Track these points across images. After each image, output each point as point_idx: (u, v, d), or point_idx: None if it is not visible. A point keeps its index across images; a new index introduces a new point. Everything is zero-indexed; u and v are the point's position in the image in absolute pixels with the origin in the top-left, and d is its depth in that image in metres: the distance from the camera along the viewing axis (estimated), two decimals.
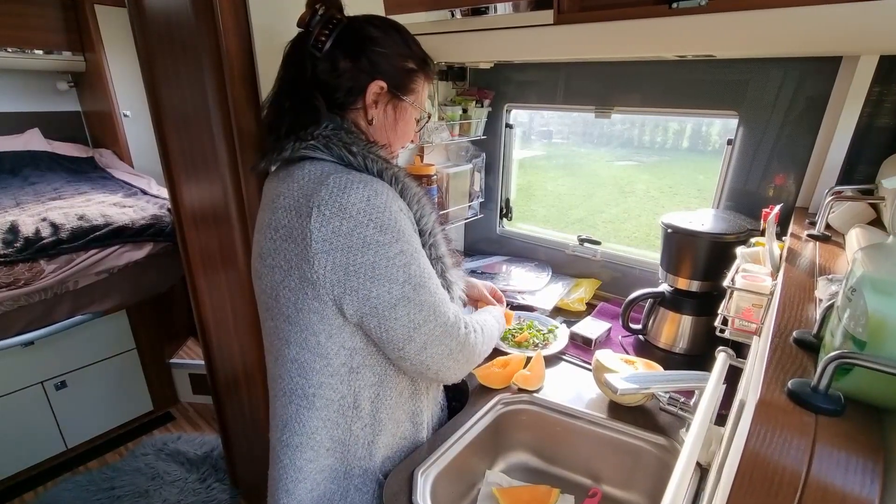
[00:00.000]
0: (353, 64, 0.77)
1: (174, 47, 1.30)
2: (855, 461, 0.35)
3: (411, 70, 0.81)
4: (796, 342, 0.51)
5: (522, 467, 1.07)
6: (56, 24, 2.66)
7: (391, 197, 0.71)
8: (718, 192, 1.30)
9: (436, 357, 0.76)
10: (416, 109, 0.84)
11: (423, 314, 0.72)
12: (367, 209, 0.67)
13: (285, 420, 0.80)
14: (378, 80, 0.77)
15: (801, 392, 0.41)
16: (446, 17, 1.22)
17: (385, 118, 0.82)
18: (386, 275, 0.69)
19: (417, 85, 0.83)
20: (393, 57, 0.79)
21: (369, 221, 0.67)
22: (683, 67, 1.25)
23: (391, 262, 0.69)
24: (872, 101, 1.00)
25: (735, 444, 0.50)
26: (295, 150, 0.74)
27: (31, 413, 1.95)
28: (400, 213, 0.71)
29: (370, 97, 0.78)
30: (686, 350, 1.19)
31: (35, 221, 1.76)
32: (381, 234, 0.68)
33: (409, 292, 0.70)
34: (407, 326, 0.72)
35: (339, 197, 0.67)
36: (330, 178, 0.69)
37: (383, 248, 0.68)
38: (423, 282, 0.72)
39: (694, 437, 0.58)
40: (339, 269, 0.68)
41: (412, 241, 0.72)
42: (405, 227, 0.71)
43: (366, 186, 0.68)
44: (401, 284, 0.70)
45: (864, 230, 0.76)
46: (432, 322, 0.73)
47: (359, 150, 0.74)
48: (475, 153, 1.69)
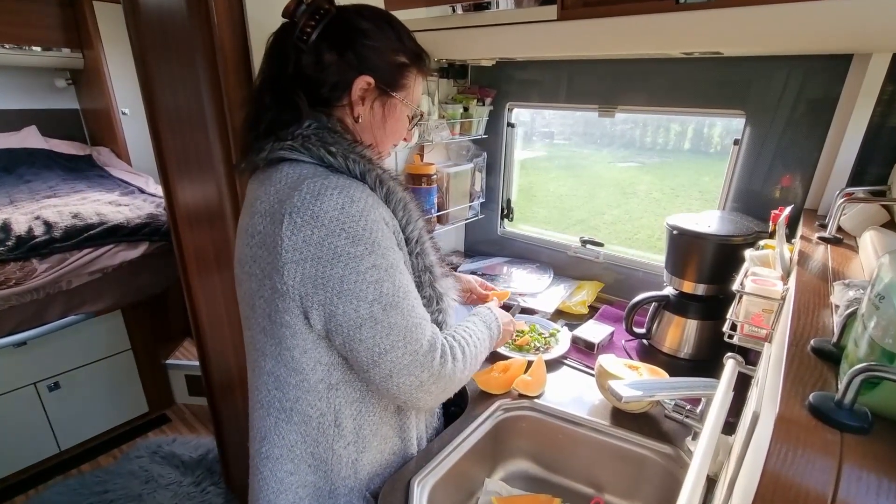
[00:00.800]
0: (338, 57, 0.72)
1: (168, 44, 1.27)
2: (887, 485, 0.33)
3: (402, 65, 0.76)
4: (814, 351, 0.48)
5: (522, 475, 1.04)
6: (54, 21, 2.64)
7: (371, 204, 0.66)
8: (724, 192, 1.27)
9: (403, 388, 0.69)
10: (406, 106, 0.79)
11: (390, 339, 0.66)
12: (341, 218, 0.63)
13: (264, 432, 0.76)
14: (365, 76, 0.73)
15: (824, 407, 0.38)
16: (447, 13, 1.19)
17: (372, 115, 0.77)
18: (354, 291, 0.64)
19: (409, 80, 0.78)
20: (383, 51, 0.74)
21: (342, 231, 0.63)
22: (689, 65, 1.22)
23: (361, 278, 0.64)
24: (885, 101, 0.97)
25: (750, 461, 0.47)
26: (272, 151, 0.70)
27: (24, 415, 1.92)
28: (379, 222, 0.66)
29: (356, 93, 0.73)
30: (691, 355, 1.16)
31: (28, 220, 1.74)
32: (354, 245, 0.63)
33: (377, 313, 0.65)
34: (372, 350, 0.67)
35: (312, 204, 0.63)
36: (305, 182, 0.65)
37: (354, 260, 0.63)
38: (395, 302, 0.66)
39: (704, 449, 0.56)
40: (307, 281, 0.64)
41: (388, 255, 0.67)
42: (382, 238, 0.66)
43: (341, 193, 0.64)
44: (369, 303, 0.65)
45: (880, 233, 0.73)
46: (400, 349, 0.67)
47: (339, 150, 0.69)
48: (476, 152, 1.67)
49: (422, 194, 1.46)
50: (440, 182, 1.54)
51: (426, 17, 1.23)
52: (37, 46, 2.63)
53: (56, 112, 2.95)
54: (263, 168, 0.74)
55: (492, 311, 0.93)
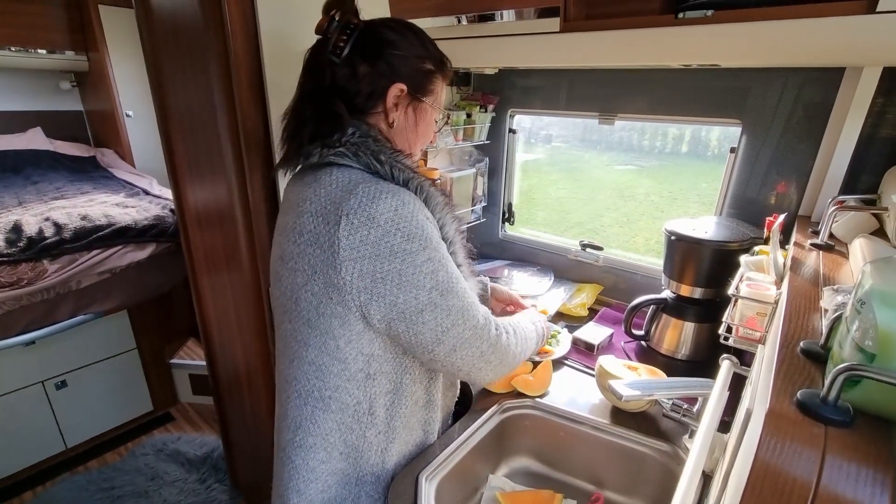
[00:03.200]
0: (371, 68, 0.77)
1: (181, 49, 1.30)
2: (865, 473, 0.36)
3: (429, 71, 0.82)
4: (803, 353, 0.52)
5: (525, 472, 1.07)
6: (60, 24, 2.66)
7: (417, 207, 0.72)
8: (721, 199, 1.30)
9: (467, 359, 0.77)
10: (435, 110, 0.85)
11: (450, 318, 0.73)
12: (395, 219, 0.69)
13: (299, 421, 0.80)
14: (398, 83, 0.78)
15: (811, 403, 0.42)
16: (453, 24, 1.22)
17: (406, 120, 0.82)
18: (413, 281, 0.70)
19: (436, 86, 0.83)
20: (411, 59, 0.79)
21: (397, 231, 0.68)
22: (688, 75, 1.25)
23: (418, 270, 0.70)
24: (875, 112, 1.01)
25: (743, 454, 0.50)
26: (322, 157, 0.75)
27: (31, 412, 1.95)
28: (427, 221, 0.72)
29: (391, 100, 0.79)
30: (688, 356, 1.20)
31: (38, 221, 1.76)
32: (409, 242, 0.69)
33: (435, 298, 0.72)
34: (435, 330, 0.73)
35: (368, 207, 0.68)
36: (359, 187, 0.70)
37: (410, 255, 0.69)
38: (450, 287, 0.73)
39: (700, 446, 0.59)
40: (366, 276, 0.70)
41: (440, 248, 0.73)
42: (432, 234, 0.72)
43: (394, 197, 0.69)
44: (428, 291, 0.71)
45: (868, 240, 0.77)
46: (461, 325, 0.74)
47: (386, 159, 0.75)
48: (478, 157, 1.70)
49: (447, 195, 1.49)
50: (443, 186, 1.57)
51: (432, 26, 1.26)
52: (42, 49, 2.65)
53: (61, 114, 2.97)
54: (307, 171, 0.79)
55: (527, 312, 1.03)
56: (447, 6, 1.21)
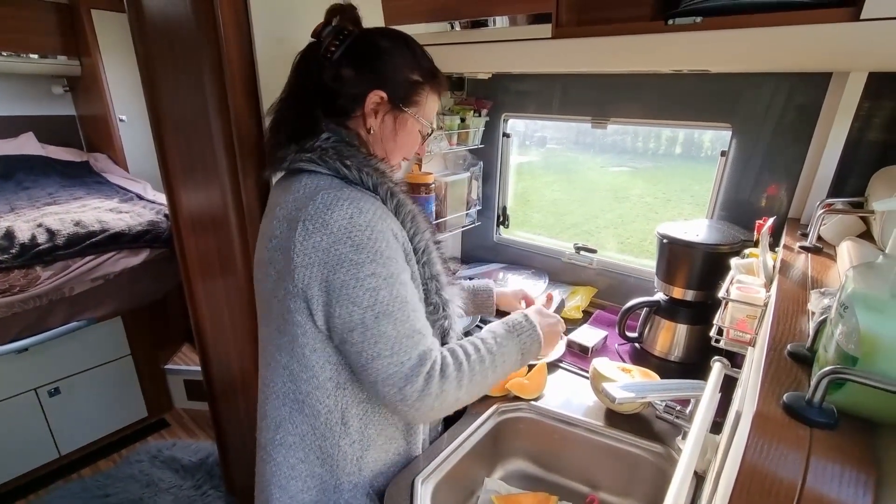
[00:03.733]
0: (355, 72, 0.77)
1: (174, 54, 1.30)
2: (848, 474, 0.37)
3: (416, 82, 0.81)
4: (791, 355, 0.53)
5: (521, 475, 1.08)
6: (52, 28, 2.65)
7: (379, 216, 0.70)
8: (713, 202, 1.32)
9: (387, 397, 0.70)
10: (418, 122, 0.83)
11: (377, 347, 0.68)
12: (349, 227, 0.67)
13: (278, 421, 0.80)
14: (378, 90, 0.77)
15: (796, 405, 0.43)
16: (446, 29, 1.23)
17: (384, 128, 0.81)
18: (351, 296, 0.68)
19: (421, 97, 0.82)
20: (397, 68, 0.79)
21: (348, 239, 0.67)
22: (679, 80, 1.27)
23: (359, 284, 0.68)
24: (862, 116, 1.03)
25: (732, 455, 0.51)
26: (293, 162, 0.75)
27: (24, 420, 1.93)
28: (386, 233, 0.70)
29: (369, 106, 0.78)
30: (681, 358, 1.21)
31: (31, 227, 1.75)
32: (357, 252, 0.67)
33: (368, 319, 0.68)
34: (360, 355, 0.70)
35: (324, 213, 0.68)
36: (320, 193, 0.70)
37: (355, 267, 0.67)
38: (389, 311, 0.69)
39: (691, 447, 0.60)
40: (314, 284, 0.69)
41: (390, 265, 0.70)
42: (385, 249, 0.69)
43: (351, 204, 0.68)
44: (363, 309, 0.68)
45: (855, 243, 0.78)
46: (386, 359, 0.69)
47: (354, 164, 0.74)
48: (473, 162, 1.71)
49: (420, 203, 1.50)
50: (438, 191, 1.58)
51: (426, 32, 1.27)
52: (34, 54, 2.64)
53: (53, 119, 2.96)
54: (286, 176, 0.80)
55: (528, 318, 0.88)
56: (440, 12, 1.21)
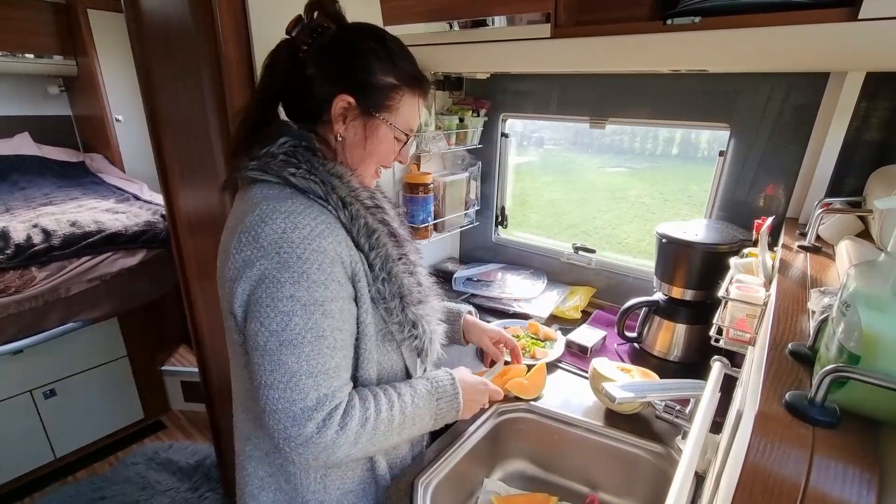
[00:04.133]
0: (322, 74, 0.72)
1: (172, 54, 1.30)
2: (852, 473, 0.37)
3: (390, 85, 0.73)
4: (792, 354, 0.53)
5: (520, 475, 1.07)
6: (48, 28, 2.64)
7: (319, 233, 0.64)
8: (711, 202, 1.32)
9: (273, 431, 0.64)
10: (391, 129, 0.75)
11: (272, 376, 0.63)
12: (279, 242, 0.62)
13: (247, 434, 0.79)
14: (345, 94, 0.71)
15: (799, 404, 0.42)
16: (445, 29, 1.23)
17: (354, 135, 0.74)
18: (262, 315, 0.63)
19: (395, 101, 0.74)
20: (368, 70, 0.72)
21: (275, 255, 0.62)
22: (677, 80, 1.27)
23: (274, 305, 0.63)
24: (860, 116, 1.03)
25: (734, 455, 0.51)
26: (242, 171, 0.71)
27: (19, 422, 1.91)
28: (322, 253, 0.64)
29: (337, 110, 0.72)
30: (680, 358, 1.21)
31: (26, 228, 1.74)
32: (281, 270, 0.62)
33: (272, 345, 0.63)
34: (255, 378, 0.65)
35: (258, 226, 0.64)
36: (261, 205, 0.65)
37: (275, 285, 0.62)
38: (296, 342, 0.63)
39: (692, 447, 0.60)
40: (239, 299, 0.65)
41: (316, 290, 0.64)
42: (317, 272, 0.64)
43: (287, 218, 0.63)
44: (269, 332, 0.63)
45: (854, 242, 0.78)
46: (278, 391, 0.63)
47: (301, 171, 0.68)
48: (471, 162, 1.71)
49: (419, 203, 1.50)
50: (436, 191, 1.57)
51: (424, 32, 1.27)
52: (30, 54, 2.63)
53: (49, 119, 2.94)
54: (245, 185, 0.74)
55: (454, 384, 0.84)
56: (439, 12, 1.21)
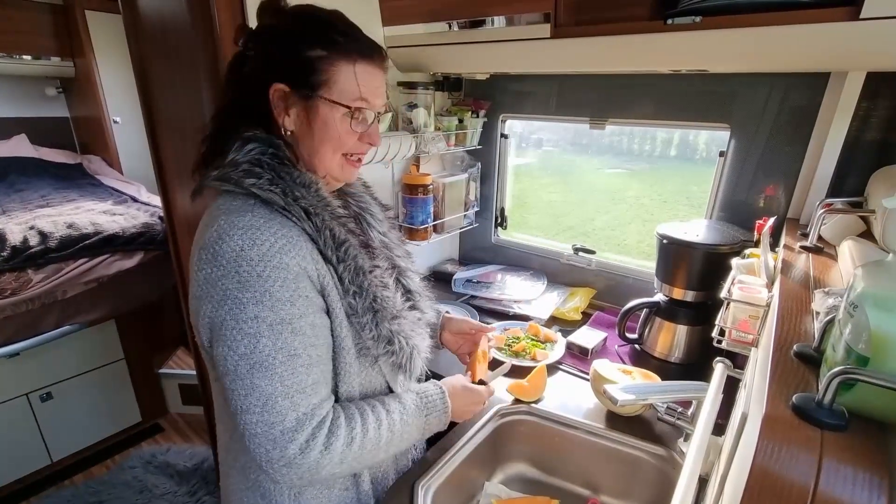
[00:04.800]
0: (254, 68, 0.67)
1: (170, 55, 1.29)
2: (861, 476, 0.36)
3: (317, 57, 0.65)
4: (797, 356, 0.52)
5: (521, 478, 1.06)
6: (46, 29, 2.63)
7: (279, 248, 0.61)
8: (711, 202, 1.32)
9: (257, 455, 0.62)
10: (332, 105, 0.67)
11: (247, 401, 0.61)
12: (238, 260, 0.59)
13: (228, 446, 0.78)
14: (277, 83, 0.66)
15: (806, 407, 0.42)
16: (444, 29, 1.23)
17: (299, 124, 0.69)
18: (228, 338, 0.60)
19: (329, 73, 0.66)
20: (289, 48, 0.66)
21: (235, 273, 0.59)
22: (677, 81, 1.27)
23: (239, 326, 0.60)
24: (860, 116, 1.03)
25: (739, 458, 0.50)
26: (203, 180, 0.67)
27: (15, 426, 1.90)
28: (284, 270, 0.61)
29: (275, 101, 0.67)
30: (681, 359, 1.20)
31: (22, 230, 1.73)
32: (242, 290, 0.59)
33: (242, 368, 0.60)
34: (232, 403, 0.62)
35: (216, 243, 0.60)
36: (219, 219, 0.62)
37: (238, 306, 0.60)
38: (266, 363, 0.60)
39: (696, 450, 0.59)
40: (203, 319, 0.63)
41: (281, 308, 0.61)
42: (280, 289, 0.60)
43: (244, 234, 0.60)
44: (238, 356, 0.60)
45: (856, 243, 0.78)
46: (255, 415, 0.61)
47: (263, 182, 0.63)
48: (471, 163, 1.70)
49: (418, 204, 1.49)
50: (436, 192, 1.57)
51: (424, 32, 1.26)
52: (27, 55, 2.62)
53: (46, 120, 2.93)
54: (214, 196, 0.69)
55: (443, 398, 0.81)
56: (438, 12, 1.21)
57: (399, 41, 1.31)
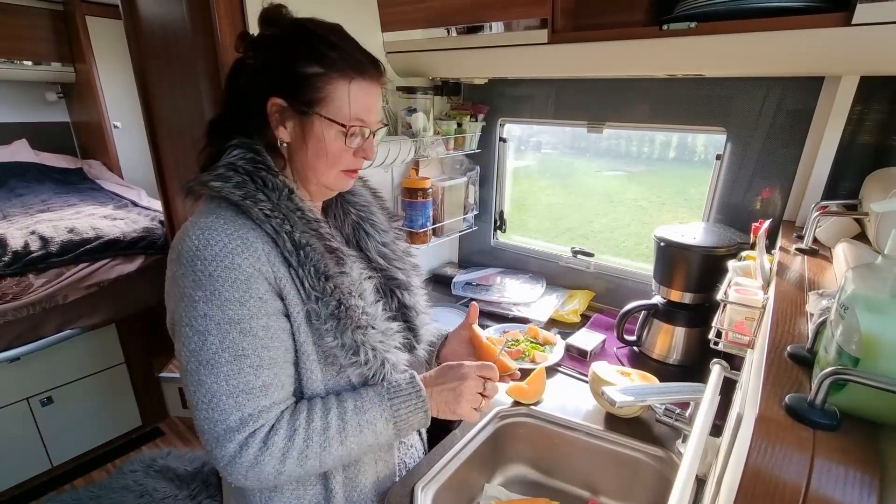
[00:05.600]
0: (252, 81, 0.69)
1: (170, 60, 1.30)
2: (853, 475, 0.37)
3: (314, 74, 0.66)
4: (791, 357, 0.53)
5: (521, 480, 1.07)
6: (46, 35, 2.65)
7: (232, 249, 0.62)
8: (708, 205, 1.33)
9: (212, 455, 0.64)
10: (327, 122, 0.68)
11: (196, 397, 0.62)
12: (193, 259, 0.61)
13: None
14: (276, 97, 0.67)
15: (799, 407, 0.42)
16: (443, 35, 1.24)
17: (295, 138, 0.70)
18: (183, 334, 0.62)
19: (326, 91, 0.67)
20: (288, 63, 0.66)
21: (192, 272, 0.61)
22: (673, 85, 1.28)
23: (190, 324, 0.61)
24: (855, 120, 1.04)
25: (734, 458, 0.51)
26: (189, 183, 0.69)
27: (16, 430, 1.90)
28: (236, 270, 0.61)
29: (273, 117, 0.68)
30: (680, 361, 1.21)
31: (23, 235, 1.74)
32: (195, 289, 0.61)
33: (192, 365, 0.62)
34: (187, 398, 0.64)
35: (180, 243, 0.63)
36: (189, 219, 0.65)
37: (191, 304, 0.61)
38: (214, 361, 0.61)
39: (693, 451, 0.60)
40: (168, 316, 0.66)
41: (229, 308, 0.61)
42: (229, 289, 0.61)
43: (202, 234, 0.62)
44: (189, 352, 0.62)
45: (851, 245, 0.79)
46: (202, 412, 0.62)
47: (229, 186, 0.64)
48: (469, 166, 1.71)
49: (417, 207, 1.50)
50: (435, 195, 1.58)
51: (422, 38, 1.27)
52: (28, 60, 2.64)
53: (46, 125, 2.95)
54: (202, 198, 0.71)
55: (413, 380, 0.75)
56: (437, 18, 1.22)
57: (398, 46, 1.32)
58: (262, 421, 0.64)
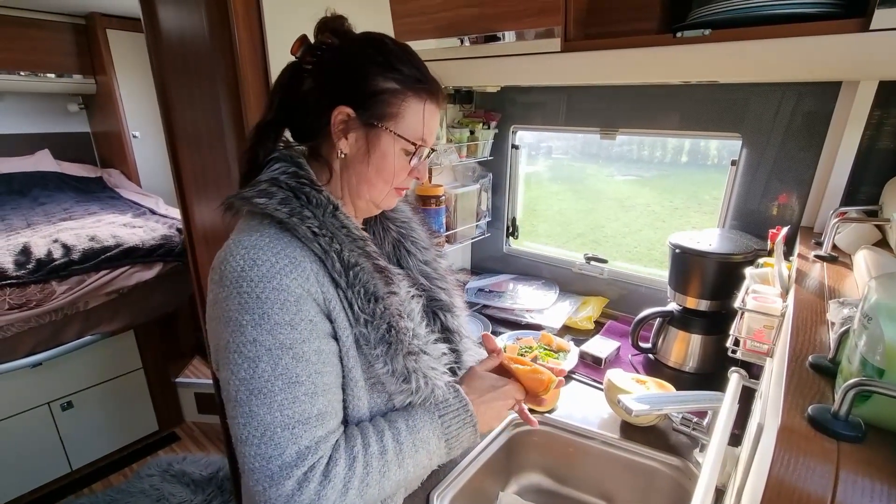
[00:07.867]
0: (319, 87, 0.67)
1: (190, 71, 1.33)
2: (879, 488, 0.36)
3: (389, 90, 0.66)
4: (812, 367, 0.52)
5: (535, 488, 1.06)
6: (68, 48, 2.73)
7: (281, 268, 0.58)
8: (724, 211, 1.32)
9: (255, 495, 0.58)
10: (396, 138, 0.67)
11: (247, 430, 0.57)
12: (238, 281, 0.57)
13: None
14: (343, 106, 0.65)
15: (822, 418, 0.42)
16: (456, 45, 1.25)
17: (356, 150, 0.68)
18: (230, 362, 0.58)
19: (397, 108, 0.66)
20: (364, 75, 0.66)
21: (237, 295, 0.57)
22: (688, 91, 1.28)
23: (239, 351, 0.57)
24: (873, 125, 1.03)
25: (756, 469, 0.51)
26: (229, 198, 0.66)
27: (37, 434, 1.94)
28: (285, 292, 0.58)
29: (337, 125, 0.66)
30: (696, 369, 1.20)
31: (47, 243, 1.78)
32: (241, 312, 0.57)
33: (242, 395, 0.57)
34: (233, 432, 0.59)
35: (223, 263, 0.59)
36: (231, 238, 0.62)
37: (238, 329, 0.57)
38: (266, 390, 0.57)
39: (712, 461, 0.59)
40: (212, 341, 0.62)
41: (280, 332, 0.58)
42: (279, 312, 0.58)
43: (246, 254, 0.58)
44: (238, 381, 0.58)
45: (872, 252, 0.77)
46: (253, 447, 0.57)
47: (274, 202, 0.62)
48: (482, 173, 1.72)
49: (430, 215, 1.51)
50: (448, 202, 1.59)
51: (436, 47, 1.29)
52: (51, 73, 2.72)
53: (68, 136, 3.03)
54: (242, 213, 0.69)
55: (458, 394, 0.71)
56: (450, 28, 1.23)
57: None
58: (321, 453, 0.60)
